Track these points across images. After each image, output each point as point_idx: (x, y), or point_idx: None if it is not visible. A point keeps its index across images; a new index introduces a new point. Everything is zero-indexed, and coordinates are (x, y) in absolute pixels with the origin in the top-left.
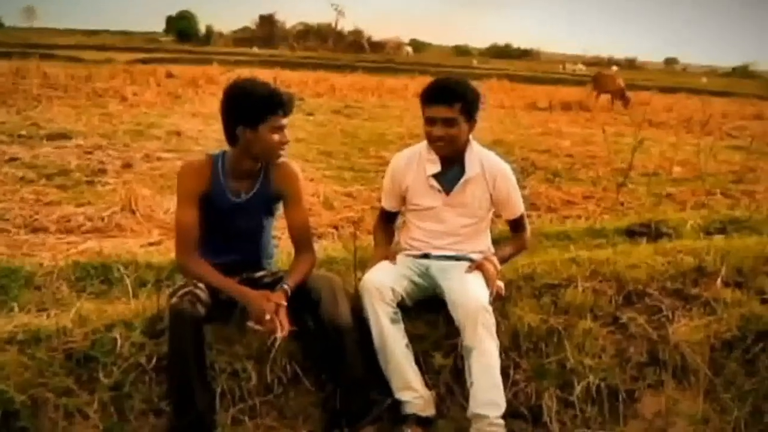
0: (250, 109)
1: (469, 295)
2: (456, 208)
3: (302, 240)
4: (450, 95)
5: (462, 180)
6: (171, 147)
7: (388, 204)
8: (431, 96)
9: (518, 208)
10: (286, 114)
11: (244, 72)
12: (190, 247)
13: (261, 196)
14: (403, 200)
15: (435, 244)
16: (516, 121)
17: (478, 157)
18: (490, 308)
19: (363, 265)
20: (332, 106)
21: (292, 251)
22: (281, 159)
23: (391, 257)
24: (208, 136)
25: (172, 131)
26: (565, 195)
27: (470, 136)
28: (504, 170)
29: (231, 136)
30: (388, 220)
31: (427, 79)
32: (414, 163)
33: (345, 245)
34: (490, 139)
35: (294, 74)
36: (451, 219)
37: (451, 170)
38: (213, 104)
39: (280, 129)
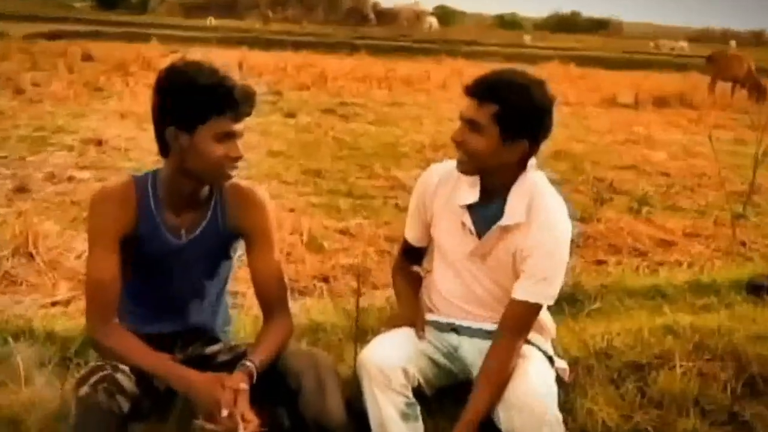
0: (186, 103)
1: (530, 392)
2: (485, 263)
3: (273, 299)
4: (484, 90)
5: (496, 225)
6: (88, 162)
7: (412, 233)
8: (468, 85)
9: (536, 289)
10: (238, 116)
11: (197, 53)
12: (108, 312)
13: (212, 235)
14: (429, 232)
15: (466, 309)
16: (587, 124)
17: (529, 197)
18: (560, 415)
19: (366, 336)
20: (322, 102)
21: (260, 314)
22: (231, 181)
23: (419, 325)
24: (144, 146)
25: (91, 139)
26: (658, 231)
27: (531, 163)
28: (553, 221)
29: (162, 142)
30: (412, 259)
31: (458, 64)
32: (449, 182)
33: (339, 305)
34: (551, 151)
35: (268, 57)
36: (478, 277)
37: (491, 206)
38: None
39: (229, 137)
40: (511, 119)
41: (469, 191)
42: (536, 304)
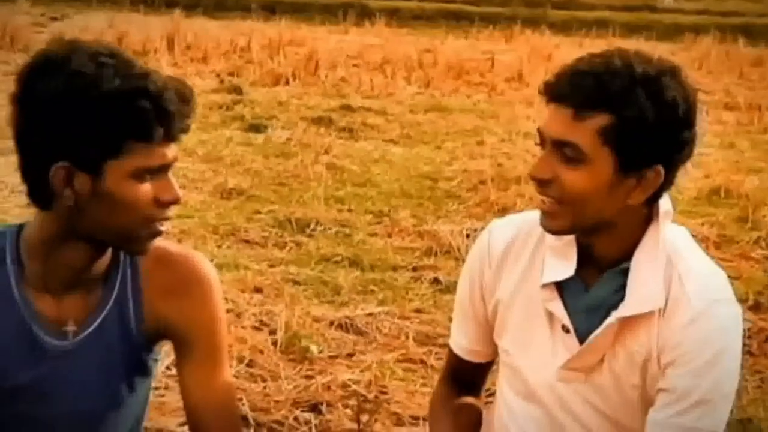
0: (87, 126)
1: None
2: (590, 384)
3: None
4: (583, 89)
5: (612, 317)
6: None
7: (462, 340)
8: (550, 82)
9: (688, 421)
10: (175, 134)
11: (93, 24)
12: None
13: (117, 333)
14: (492, 337)
15: None
16: (766, 143)
17: (667, 267)
18: None
19: None
20: (311, 106)
21: None
22: (156, 243)
23: None
24: (7, 180)
25: None
26: None
27: (666, 210)
28: (712, 307)
29: (38, 184)
30: (463, 385)
31: (544, 40)
32: (525, 248)
33: None
34: (702, 188)
35: (218, 27)
36: (576, 409)
37: (600, 286)
38: None
39: (159, 172)
40: (632, 135)
41: (560, 262)
42: None
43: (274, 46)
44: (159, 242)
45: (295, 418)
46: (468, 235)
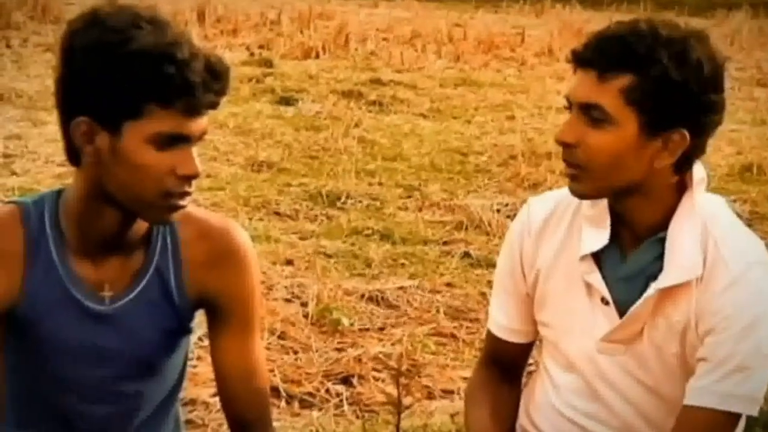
0: (107, 81)
1: None
2: (630, 354)
3: (251, 413)
4: (606, 52)
5: (651, 288)
6: None
7: (503, 318)
8: (578, 49)
9: (727, 387)
10: (197, 108)
11: None
12: None
13: (157, 299)
14: (532, 311)
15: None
16: None
17: (704, 235)
18: None
19: None
20: (341, 80)
21: None
22: (185, 211)
23: None
24: (40, 150)
25: None
26: None
27: (700, 178)
28: (750, 274)
29: (70, 141)
30: (502, 368)
31: (573, 16)
32: (562, 222)
33: (370, 428)
34: (736, 164)
35: (248, 1)
36: (616, 381)
37: (637, 255)
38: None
39: (178, 142)
40: (655, 95)
41: (595, 231)
42: (727, 413)
43: (304, 19)
44: (198, 213)
45: (327, 390)
46: (499, 210)
